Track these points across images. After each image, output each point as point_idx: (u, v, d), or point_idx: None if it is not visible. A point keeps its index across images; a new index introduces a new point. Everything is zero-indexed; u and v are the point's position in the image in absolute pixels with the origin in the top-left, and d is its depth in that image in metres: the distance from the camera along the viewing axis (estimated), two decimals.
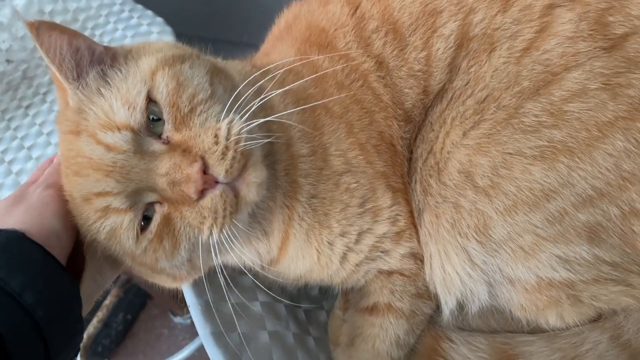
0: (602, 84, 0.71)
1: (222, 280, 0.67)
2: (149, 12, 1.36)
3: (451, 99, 0.78)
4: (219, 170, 0.58)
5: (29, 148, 1.22)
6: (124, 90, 0.61)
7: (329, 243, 0.79)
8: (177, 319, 1.83)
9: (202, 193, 0.58)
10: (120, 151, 0.59)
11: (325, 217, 0.77)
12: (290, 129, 0.76)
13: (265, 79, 0.72)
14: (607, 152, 0.70)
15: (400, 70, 0.81)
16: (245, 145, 0.59)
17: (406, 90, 0.81)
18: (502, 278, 0.78)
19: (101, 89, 0.63)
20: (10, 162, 1.21)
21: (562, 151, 0.71)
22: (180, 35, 1.40)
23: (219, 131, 0.58)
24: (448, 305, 0.82)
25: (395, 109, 0.82)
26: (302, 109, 0.77)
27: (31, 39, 0.74)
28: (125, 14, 1.37)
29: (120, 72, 0.64)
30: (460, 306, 0.83)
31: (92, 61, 0.64)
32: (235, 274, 0.83)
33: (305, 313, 0.89)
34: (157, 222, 0.61)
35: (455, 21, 0.78)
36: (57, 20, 1.38)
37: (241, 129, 0.60)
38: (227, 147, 0.58)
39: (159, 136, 0.61)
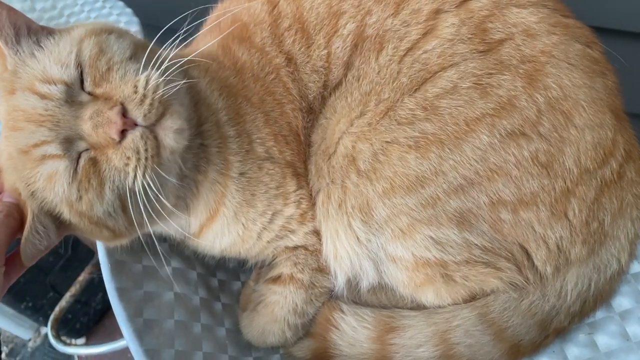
0: (474, 83, 0.78)
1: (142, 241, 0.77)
2: (120, 3, 1.46)
3: (343, 90, 0.86)
4: (137, 114, 0.65)
5: None
6: (56, 53, 0.71)
7: (253, 220, 0.88)
8: None
9: (123, 134, 0.65)
10: (52, 99, 0.67)
11: (252, 197, 0.86)
12: (218, 112, 0.85)
13: (191, 65, 0.81)
14: (475, 145, 0.77)
15: (305, 66, 0.89)
16: (163, 94, 0.67)
17: (310, 84, 0.89)
18: (385, 256, 0.85)
19: (35, 52, 0.72)
20: None
21: (434, 142, 0.78)
22: (151, 26, 1.50)
23: (137, 82, 0.66)
24: (340, 278, 0.90)
25: (300, 101, 0.90)
26: (227, 95, 0.87)
27: None
28: (99, 4, 1.48)
29: (54, 39, 0.73)
30: (355, 282, 0.92)
31: (29, 33, 0.73)
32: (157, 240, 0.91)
33: (219, 282, 0.98)
34: (83, 164, 0.68)
35: (353, 22, 0.85)
36: (38, 7, 1.49)
37: (159, 81, 0.67)
38: (145, 95, 0.66)
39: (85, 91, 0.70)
